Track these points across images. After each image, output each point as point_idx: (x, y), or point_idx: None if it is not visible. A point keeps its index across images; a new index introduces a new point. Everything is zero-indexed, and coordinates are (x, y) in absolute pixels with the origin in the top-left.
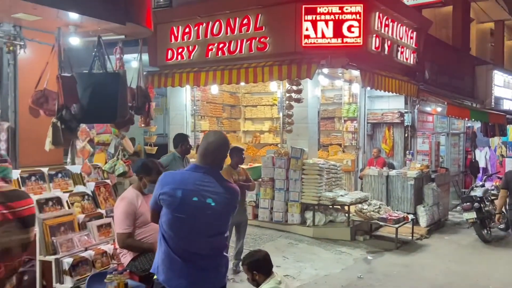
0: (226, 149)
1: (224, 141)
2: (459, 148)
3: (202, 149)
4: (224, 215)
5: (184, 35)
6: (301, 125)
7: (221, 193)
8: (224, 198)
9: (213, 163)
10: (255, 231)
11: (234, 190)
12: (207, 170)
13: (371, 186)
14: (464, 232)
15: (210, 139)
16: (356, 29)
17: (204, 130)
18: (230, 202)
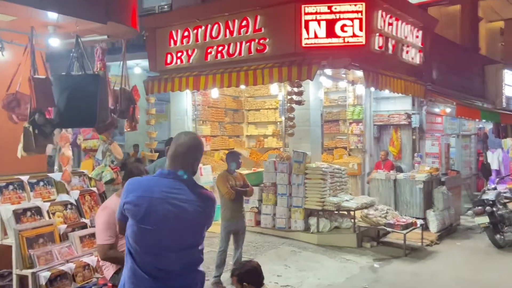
0: (199, 152)
1: (196, 142)
2: (470, 150)
3: (171, 151)
4: (197, 226)
5: (183, 39)
6: (304, 128)
7: (193, 201)
8: (196, 206)
9: (184, 167)
10: (257, 238)
11: (208, 198)
12: (177, 176)
13: (379, 191)
14: (476, 237)
15: (180, 140)
16: (358, 28)
17: (206, 135)
18: (204, 211)
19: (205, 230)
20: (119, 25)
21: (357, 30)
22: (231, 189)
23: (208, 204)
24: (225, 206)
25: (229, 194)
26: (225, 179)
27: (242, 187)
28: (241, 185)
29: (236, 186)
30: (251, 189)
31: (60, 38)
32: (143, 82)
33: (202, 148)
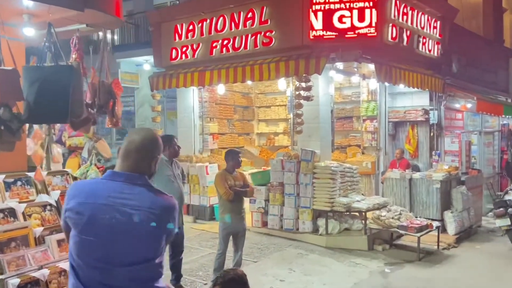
0: (155, 149)
1: (152, 138)
2: (493, 148)
3: (122, 149)
4: (151, 236)
5: (188, 33)
6: (313, 125)
7: (146, 208)
8: (149, 214)
9: (137, 168)
10: (263, 240)
11: (166, 204)
12: (129, 178)
13: (393, 190)
14: (498, 241)
15: (132, 136)
16: (369, 18)
17: (213, 133)
18: (160, 219)
19: (164, 241)
20: (99, 13)
21: (368, 20)
22: (230, 189)
23: (166, 212)
24: (223, 207)
25: (227, 195)
26: (223, 179)
27: (242, 187)
28: (240, 185)
29: (236, 186)
30: (251, 189)
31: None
32: (148, 78)
33: (159, 144)
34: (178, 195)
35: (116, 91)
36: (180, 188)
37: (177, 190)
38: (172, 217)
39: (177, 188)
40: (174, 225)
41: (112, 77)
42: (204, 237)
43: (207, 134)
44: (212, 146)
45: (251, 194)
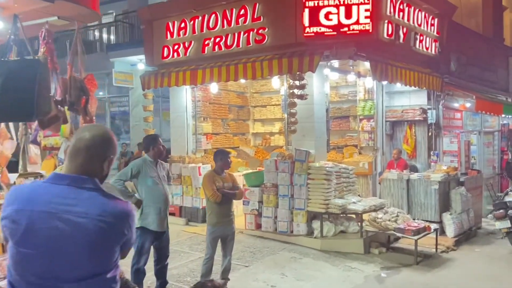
0: (109, 148)
1: (104, 135)
2: (493, 148)
3: (70, 147)
4: (101, 247)
5: (179, 31)
6: (307, 125)
7: (95, 216)
8: (99, 222)
9: (86, 169)
10: (256, 243)
11: (119, 211)
12: (75, 181)
13: (390, 191)
14: (498, 243)
15: (81, 133)
16: (364, 14)
17: (207, 133)
18: (112, 228)
19: (118, 253)
20: (71, 5)
21: (363, 16)
22: (218, 191)
23: (120, 220)
24: (211, 210)
25: (214, 197)
26: (211, 180)
27: (231, 189)
28: (229, 187)
29: (224, 188)
30: (240, 192)
31: (4, 21)
32: (139, 77)
33: (113, 143)
34: (163, 198)
35: (89, 87)
36: (165, 190)
37: (162, 192)
38: (127, 225)
39: (162, 190)
40: (130, 234)
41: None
42: (196, 240)
43: (200, 134)
44: (205, 146)
45: (240, 196)
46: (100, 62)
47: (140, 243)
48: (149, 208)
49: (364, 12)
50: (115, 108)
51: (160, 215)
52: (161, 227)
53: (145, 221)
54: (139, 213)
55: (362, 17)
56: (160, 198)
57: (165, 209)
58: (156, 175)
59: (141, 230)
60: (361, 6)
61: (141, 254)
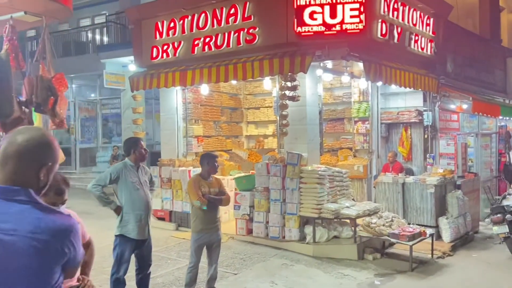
0: (46, 154)
1: (40, 139)
2: (491, 150)
3: (0, 153)
4: (36, 272)
5: (169, 30)
6: (299, 127)
7: (26, 233)
8: (31, 241)
9: (17, 179)
10: (247, 249)
11: (57, 226)
12: (3, 192)
13: (385, 195)
14: (496, 248)
15: (12, 137)
16: (356, 12)
17: (198, 136)
18: (47, 248)
19: (59, 274)
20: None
21: (356, 15)
22: (203, 197)
23: (58, 237)
24: (196, 216)
25: (199, 203)
26: (196, 185)
27: (218, 194)
28: (216, 192)
29: (210, 193)
30: (227, 197)
31: None
32: (128, 79)
33: (51, 148)
34: (144, 204)
35: (58, 87)
36: (147, 196)
37: (143, 198)
38: (68, 243)
39: (143, 196)
40: (73, 253)
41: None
42: (184, 247)
43: (191, 137)
44: (196, 149)
45: (226, 202)
46: (91, 63)
47: (120, 252)
48: (129, 215)
49: (357, 11)
50: (107, 110)
51: (141, 222)
52: (141, 235)
53: (125, 228)
54: (118, 220)
55: (356, 17)
56: (141, 205)
57: (146, 215)
58: (137, 180)
59: (121, 238)
60: (354, 4)
61: (120, 263)
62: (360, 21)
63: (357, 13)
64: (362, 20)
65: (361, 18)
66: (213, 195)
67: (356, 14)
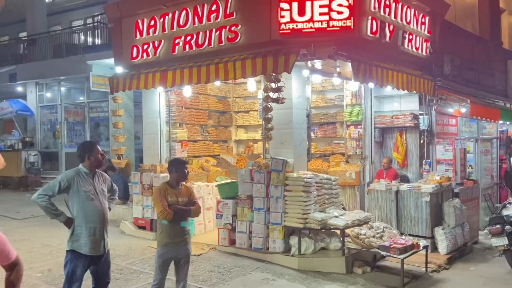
0: None
1: None
2: (491, 156)
3: None
4: None
5: (149, 29)
6: (285, 131)
7: None
8: None
9: None
10: (228, 261)
11: None
12: None
13: (378, 204)
14: (495, 261)
15: None
16: (344, 9)
17: (182, 140)
18: None
19: None
20: None
21: (344, 11)
22: (169, 207)
23: None
24: (161, 228)
25: (163, 214)
26: (162, 194)
27: (187, 204)
28: (185, 202)
29: (178, 203)
30: (197, 208)
31: None
32: (108, 80)
33: None
34: (99, 215)
35: None
36: (103, 207)
37: (98, 209)
38: None
39: (98, 207)
40: None
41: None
42: None
43: (174, 141)
44: (180, 154)
45: (196, 213)
46: (78, 65)
47: (71, 269)
48: (81, 228)
49: (345, 7)
50: (95, 114)
51: (95, 236)
52: (95, 250)
53: (76, 243)
54: (69, 233)
55: (344, 12)
56: (95, 216)
57: (102, 228)
58: (91, 189)
59: (72, 254)
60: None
61: (72, 281)
62: (348, 17)
63: (345, 9)
64: (350, 16)
65: (349, 14)
66: (182, 205)
67: (344, 11)
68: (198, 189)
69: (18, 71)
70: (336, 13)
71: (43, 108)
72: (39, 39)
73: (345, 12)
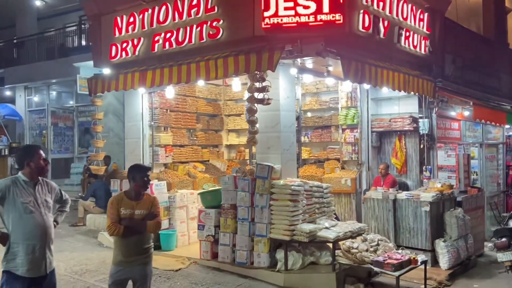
0: None
1: None
2: (497, 162)
3: None
4: None
5: (128, 26)
6: (272, 135)
7: None
8: None
9: None
10: (208, 277)
11: None
12: None
13: (374, 213)
14: (501, 277)
15: None
16: (333, 2)
17: (167, 145)
18: None
19: None
20: None
21: (333, 4)
22: (121, 221)
23: None
24: (115, 244)
25: (110, 230)
26: (114, 206)
27: (146, 217)
28: (142, 215)
29: (134, 216)
30: (155, 223)
31: None
32: (87, 81)
33: None
34: (39, 231)
35: None
36: (45, 220)
37: (38, 224)
38: None
39: (39, 221)
40: None
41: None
42: None
43: (158, 146)
44: (164, 160)
45: (154, 228)
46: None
47: None
48: (18, 245)
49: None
50: (84, 118)
51: (34, 255)
52: (35, 271)
53: (12, 263)
54: (4, 251)
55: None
56: (35, 232)
57: (44, 246)
58: (31, 200)
59: (7, 276)
60: None
61: None
62: (338, 11)
63: (334, 2)
64: (339, 10)
65: (338, 8)
66: (139, 218)
67: (333, 4)
68: (182, 198)
69: (6, 75)
70: (324, 7)
71: (32, 112)
72: (28, 41)
73: (334, 5)
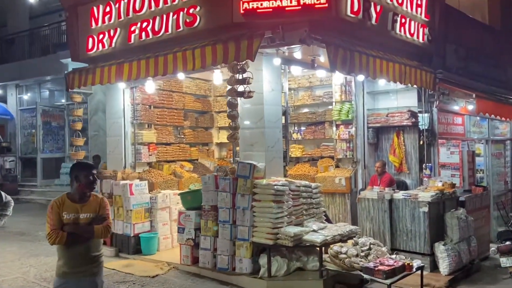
0: None
1: None
2: (505, 159)
3: None
4: None
5: (104, 16)
6: (256, 131)
7: None
8: None
9: None
10: (186, 284)
11: None
12: None
13: (369, 215)
14: (506, 283)
15: None
16: None
17: (150, 143)
18: None
19: None
20: None
21: None
22: (64, 227)
23: None
24: (59, 254)
25: (52, 237)
26: (54, 211)
27: (92, 221)
28: (89, 220)
29: (79, 220)
30: (103, 228)
31: None
32: (64, 76)
33: None
34: None
35: None
36: None
37: None
38: None
39: None
40: None
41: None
42: (112, 279)
43: (141, 144)
44: (147, 159)
45: (103, 233)
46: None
47: None
48: None
49: None
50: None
51: None
52: None
53: None
54: None
55: None
56: None
57: None
58: None
59: None
60: None
61: None
62: None
63: None
64: None
65: None
66: (85, 223)
67: None
68: (164, 198)
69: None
70: None
71: (23, 111)
72: (18, 38)
73: None
